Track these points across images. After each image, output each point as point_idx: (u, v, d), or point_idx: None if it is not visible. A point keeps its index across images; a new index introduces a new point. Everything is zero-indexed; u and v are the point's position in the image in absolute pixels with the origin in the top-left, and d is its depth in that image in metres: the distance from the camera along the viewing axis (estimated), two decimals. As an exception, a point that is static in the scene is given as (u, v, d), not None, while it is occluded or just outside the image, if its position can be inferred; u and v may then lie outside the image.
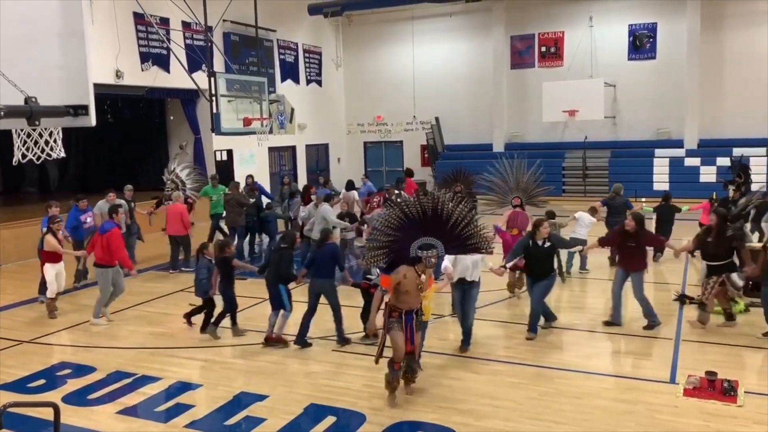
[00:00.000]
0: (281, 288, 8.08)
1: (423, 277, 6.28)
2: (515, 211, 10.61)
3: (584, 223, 11.08)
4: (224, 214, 13.67)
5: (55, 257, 9.58)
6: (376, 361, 6.47)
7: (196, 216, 13.79)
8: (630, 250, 8.35)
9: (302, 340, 8.07)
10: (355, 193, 14.77)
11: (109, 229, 9.13)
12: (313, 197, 13.48)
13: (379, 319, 6.58)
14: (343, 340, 8.09)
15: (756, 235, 10.99)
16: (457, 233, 6.42)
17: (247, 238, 14.10)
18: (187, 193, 13.47)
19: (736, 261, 8.36)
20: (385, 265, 6.54)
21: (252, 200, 13.95)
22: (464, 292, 7.65)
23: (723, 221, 8.40)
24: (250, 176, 15.68)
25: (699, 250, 8.67)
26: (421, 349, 6.76)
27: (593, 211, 11.36)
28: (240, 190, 14.07)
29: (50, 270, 9.55)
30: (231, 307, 8.55)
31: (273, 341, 8.12)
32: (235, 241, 12.69)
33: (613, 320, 8.51)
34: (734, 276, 8.56)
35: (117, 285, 9.27)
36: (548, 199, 12.09)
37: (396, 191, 12.92)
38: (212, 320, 8.59)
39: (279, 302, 8.10)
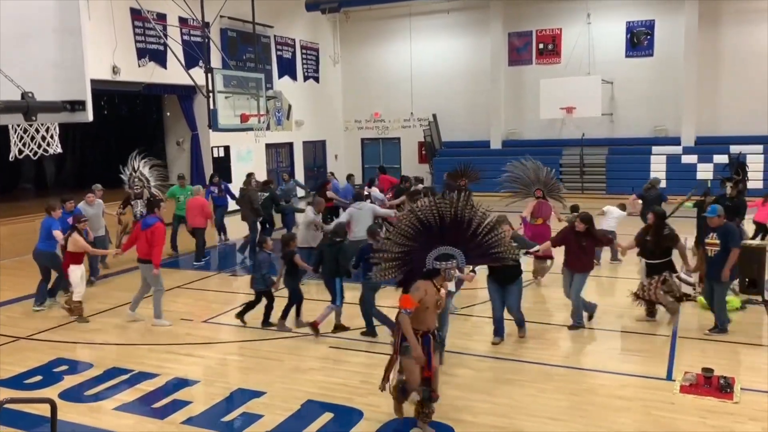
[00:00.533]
0: (337, 281, 8.23)
1: (442, 291, 5.70)
2: (539, 202, 10.94)
3: (612, 216, 11.17)
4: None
5: (79, 258, 9.29)
6: (382, 388, 5.86)
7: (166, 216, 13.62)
8: (579, 250, 8.22)
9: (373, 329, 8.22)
10: (375, 190, 14.58)
11: (152, 224, 8.90)
12: (328, 193, 13.47)
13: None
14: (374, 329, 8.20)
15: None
16: (479, 241, 5.70)
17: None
18: (153, 192, 13.06)
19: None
20: (398, 279, 5.83)
21: (266, 194, 13.86)
22: None
23: (660, 220, 8.38)
24: (214, 175, 15.48)
25: (638, 248, 8.68)
26: (438, 375, 5.85)
27: (623, 207, 11.45)
28: (253, 185, 14.06)
29: (76, 271, 9.18)
30: (297, 300, 8.66)
31: (313, 326, 8.27)
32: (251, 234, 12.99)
33: (590, 313, 8.51)
34: (683, 275, 8.61)
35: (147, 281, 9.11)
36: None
37: (366, 192, 12.87)
38: (281, 314, 8.66)
39: (332, 293, 8.26)
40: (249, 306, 8.89)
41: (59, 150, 4.14)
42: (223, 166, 19.90)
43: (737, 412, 5.97)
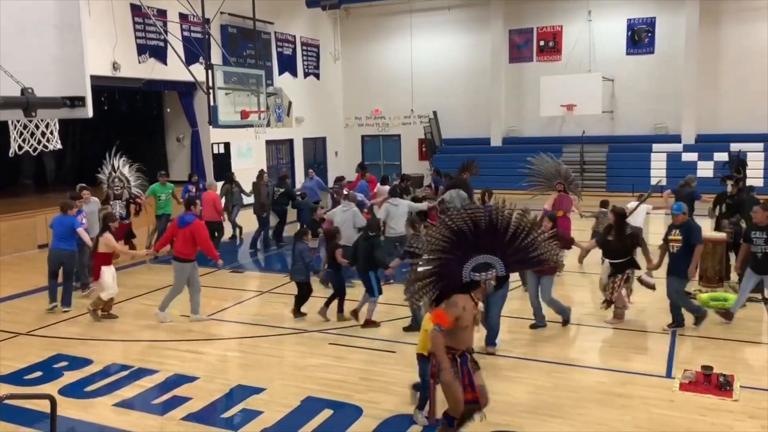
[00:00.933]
0: (371, 275, 8.32)
1: (480, 305, 5.26)
2: (560, 195, 11.15)
3: (640, 211, 11.18)
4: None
5: (109, 258, 9.09)
6: (433, 422, 5.49)
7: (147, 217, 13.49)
8: None
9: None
10: (387, 188, 14.49)
11: (190, 222, 8.72)
12: (345, 191, 13.47)
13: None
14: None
15: None
16: (518, 246, 5.16)
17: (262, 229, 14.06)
18: (134, 192, 12.70)
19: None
20: (434, 297, 5.28)
21: (282, 189, 13.88)
22: None
23: (621, 219, 8.34)
24: (193, 174, 14.97)
25: (600, 248, 8.61)
26: (486, 393, 5.39)
27: (640, 197, 11.52)
28: (264, 180, 14.07)
29: (107, 272, 8.94)
30: (341, 292, 8.79)
31: (368, 324, 8.42)
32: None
33: (538, 323, 8.34)
34: (644, 276, 8.61)
35: (194, 281, 8.98)
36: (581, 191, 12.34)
37: (345, 192, 12.79)
38: (324, 303, 8.82)
39: (369, 287, 8.38)
40: (301, 299, 9.01)
41: (59, 146, 4.14)
42: (223, 162, 19.91)
43: (736, 409, 5.98)
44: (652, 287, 8.77)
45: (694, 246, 7.88)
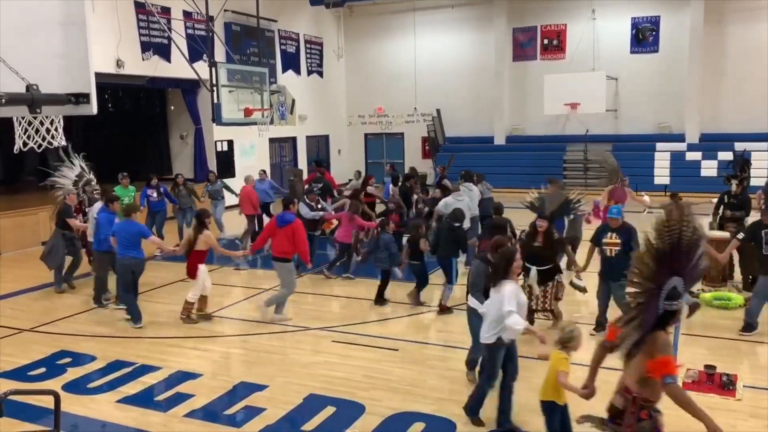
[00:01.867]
0: (453, 261, 8.58)
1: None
2: (615, 186, 11.73)
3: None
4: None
5: (204, 256, 8.84)
6: None
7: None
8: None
9: None
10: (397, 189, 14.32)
11: (291, 221, 8.61)
12: (369, 188, 13.70)
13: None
14: None
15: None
16: (693, 261, 4.22)
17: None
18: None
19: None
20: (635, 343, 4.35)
21: (320, 184, 14.06)
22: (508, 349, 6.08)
23: (552, 225, 8.20)
24: (153, 177, 13.70)
25: (526, 255, 7.95)
26: None
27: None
28: (300, 178, 14.46)
29: (203, 270, 8.78)
30: (424, 281, 9.24)
31: (444, 311, 8.81)
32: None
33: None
34: (575, 279, 8.54)
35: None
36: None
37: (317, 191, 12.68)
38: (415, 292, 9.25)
39: (449, 274, 8.69)
40: (382, 287, 9.42)
41: (63, 142, 4.16)
42: (226, 160, 19.93)
43: (739, 409, 5.98)
44: (583, 290, 8.61)
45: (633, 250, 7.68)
